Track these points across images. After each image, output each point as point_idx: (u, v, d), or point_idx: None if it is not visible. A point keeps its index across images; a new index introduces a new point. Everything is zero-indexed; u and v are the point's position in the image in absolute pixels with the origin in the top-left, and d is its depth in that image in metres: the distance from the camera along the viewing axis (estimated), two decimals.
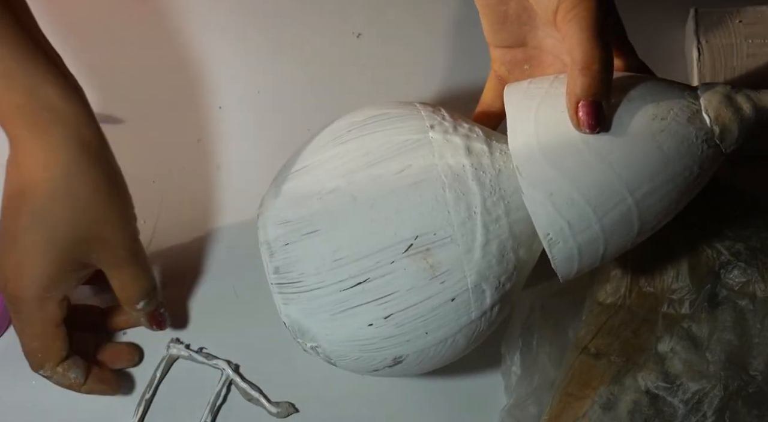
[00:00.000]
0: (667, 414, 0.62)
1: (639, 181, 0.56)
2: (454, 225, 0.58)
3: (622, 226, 0.57)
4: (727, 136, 0.58)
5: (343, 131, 0.61)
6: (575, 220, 0.56)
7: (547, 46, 0.63)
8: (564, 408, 0.64)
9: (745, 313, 0.63)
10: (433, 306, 0.58)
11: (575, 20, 0.56)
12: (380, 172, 0.59)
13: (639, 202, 0.56)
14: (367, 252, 0.58)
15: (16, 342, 0.65)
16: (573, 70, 0.55)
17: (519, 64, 0.65)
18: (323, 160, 0.60)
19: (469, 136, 0.60)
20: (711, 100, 0.58)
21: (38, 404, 0.71)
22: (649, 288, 0.66)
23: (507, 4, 0.62)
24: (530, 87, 0.59)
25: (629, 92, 0.57)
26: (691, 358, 0.63)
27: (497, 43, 0.65)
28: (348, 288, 0.58)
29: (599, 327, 0.66)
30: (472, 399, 0.71)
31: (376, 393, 0.71)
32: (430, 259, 0.58)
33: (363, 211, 0.58)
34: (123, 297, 0.66)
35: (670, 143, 0.56)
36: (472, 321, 0.59)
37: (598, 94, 0.55)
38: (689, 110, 0.58)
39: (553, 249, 0.57)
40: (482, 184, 0.59)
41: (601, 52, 0.55)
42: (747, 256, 0.64)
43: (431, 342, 0.59)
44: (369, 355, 0.60)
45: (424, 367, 0.62)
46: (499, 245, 0.59)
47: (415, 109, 0.62)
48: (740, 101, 0.58)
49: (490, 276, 0.59)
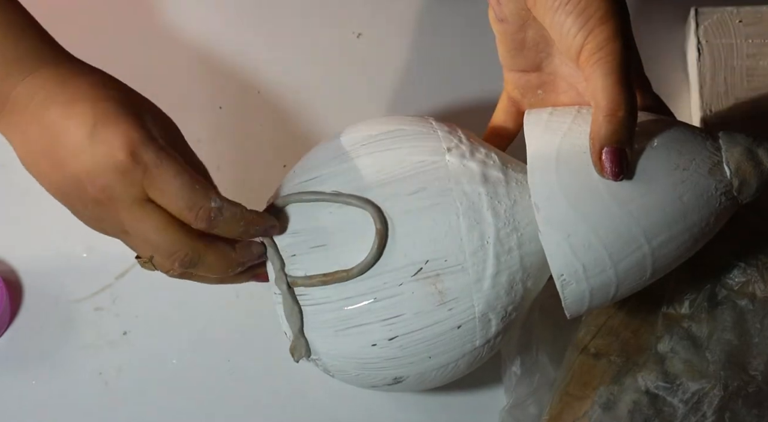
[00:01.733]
0: (667, 413, 0.62)
1: (657, 230, 0.55)
2: (466, 253, 0.57)
3: (636, 272, 0.56)
4: (746, 190, 0.58)
5: (358, 144, 0.60)
6: (590, 264, 0.55)
7: (563, 73, 0.62)
8: (564, 408, 0.64)
9: (745, 313, 0.63)
10: (438, 332, 0.57)
11: (600, 64, 0.55)
12: (393, 192, 0.58)
13: (655, 250, 0.56)
14: (375, 272, 0.57)
15: (16, 342, 0.66)
16: (597, 116, 0.54)
17: (533, 89, 0.64)
18: (336, 172, 0.59)
19: (485, 163, 0.59)
20: (733, 152, 0.57)
21: (38, 404, 0.71)
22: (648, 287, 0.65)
23: (525, 32, 0.60)
24: (551, 119, 0.58)
25: (652, 139, 0.56)
26: (691, 358, 0.63)
27: (512, 67, 0.63)
28: (353, 306, 0.57)
29: (599, 327, 0.66)
30: (472, 399, 0.71)
31: (374, 393, 0.71)
32: (439, 285, 0.57)
33: (369, 230, 0.57)
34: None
35: (691, 194, 0.56)
36: (475, 349, 0.59)
37: (623, 142, 0.54)
38: (710, 161, 0.57)
39: (566, 290, 0.56)
40: (497, 213, 0.58)
41: (626, 98, 0.54)
42: (747, 256, 0.64)
43: (433, 366, 0.59)
44: (369, 373, 0.59)
45: (422, 387, 0.62)
46: (509, 276, 0.58)
47: (431, 127, 0.61)
48: (761, 155, 0.58)
49: (497, 306, 0.58)
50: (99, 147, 0.54)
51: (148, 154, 0.54)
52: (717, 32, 0.78)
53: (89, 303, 0.74)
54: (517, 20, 0.60)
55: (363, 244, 0.57)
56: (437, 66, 0.82)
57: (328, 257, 0.58)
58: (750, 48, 0.77)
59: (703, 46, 0.78)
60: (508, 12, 0.60)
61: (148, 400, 0.71)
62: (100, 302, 0.74)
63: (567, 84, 0.62)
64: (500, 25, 0.61)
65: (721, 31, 0.78)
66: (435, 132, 0.60)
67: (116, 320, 0.73)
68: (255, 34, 0.83)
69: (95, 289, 0.74)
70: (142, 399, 0.71)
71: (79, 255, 0.76)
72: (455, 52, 0.82)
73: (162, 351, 0.72)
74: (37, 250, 0.76)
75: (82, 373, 0.72)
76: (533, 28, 0.60)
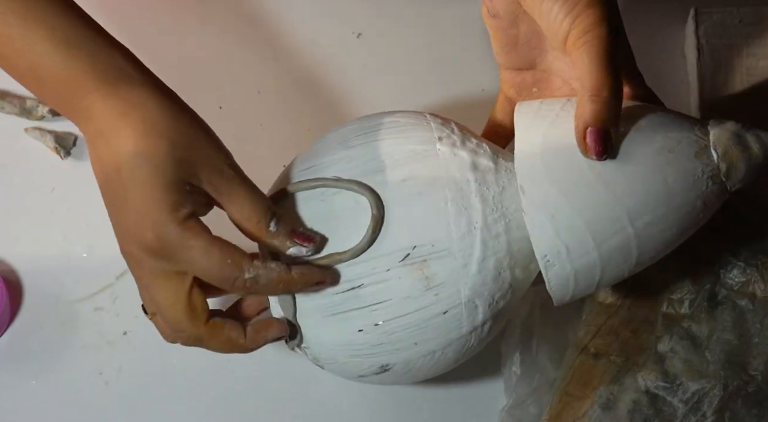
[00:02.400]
0: (667, 413, 0.62)
1: (641, 211, 0.56)
2: (453, 238, 0.57)
3: (620, 255, 0.57)
4: (734, 174, 0.58)
5: (352, 135, 0.61)
6: (574, 245, 0.56)
7: (556, 69, 0.63)
8: (564, 408, 0.64)
9: (745, 313, 0.63)
10: (424, 317, 0.58)
11: (585, 47, 0.56)
12: (384, 179, 0.58)
13: (639, 231, 0.56)
14: (363, 258, 0.57)
15: (16, 342, 0.65)
16: (582, 96, 0.55)
17: (528, 87, 0.65)
18: (330, 161, 0.60)
19: (476, 152, 0.60)
20: (720, 136, 0.58)
21: (38, 404, 0.71)
22: (648, 287, 0.66)
23: (518, 27, 0.62)
24: (541, 107, 0.59)
25: (638, 122, 0.57)
26: (691, 358, 0.63)
27: (507, 65, 0.65)
28: (341, 292, 0.58)
29: (599, 327, 0.66)
30: (472, 398, 0.71)
31: (375, 392, 0.71)
32: (426, 270, 0.57)
33: (363, 215, 0.58)
34: (249, 225, 0.57)
35: (676, 176, 0.56)
36: (462, 336, 0.59)
37: (606, 121, 0.55)
38: (697, 145, 0.57)
39: (549, 272, 0.57)
40: (485, 200, 0.58)
41: (611, 80, 0.55)
42: (747, 256, 0.64)
43: (419, 354, 0.59)
44: (357, 361, 0.60)
45: (411, 378, 0.61)
46: (496, 262, 0.58)
47: (425, 119, 0.62)
48: (750, 140, 0.58)
49: (484, 292, 0.58)
50: (131, 215, 0.55)
51: (173, 237, 0.54)
52: (717, 32, 0.78)
53: (89, 303, 0.74)
54: (508, 15, 0.61)
55: (355, 230, 0.58)
56: (437, 66, 0.82)
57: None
58: (750, 48, 0.77)
59: (703, 46, 0.78)
60: (500, 7, 0.61)
61: (148, 400, 0.72)
62: (100, 302, 0.74)
63: (561, 81, 0.63)
64: (493, 20, 0.62)
65: (721, 31, 0.78)
66: (428, 123, 0.61)
67: (116, 320, 0.73)
68: (255, 33, 0.83)
69: (95, 289, 0.74)
70: (142, 399, 0.71)
71: (79, 255, 0.76)
72: (455, 53, 0.83)
73: (162, 351, 0.72)
74: (37, 250, 0.76)
75: (82, 373, 0.72)
76: (525, 23, 0.61)
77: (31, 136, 0.79)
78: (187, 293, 0.56)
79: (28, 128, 0.80)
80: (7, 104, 0.79)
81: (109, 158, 0.55)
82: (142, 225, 0.54)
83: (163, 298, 0.56)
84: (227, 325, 0.58)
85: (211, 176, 0.56)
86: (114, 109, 0.55)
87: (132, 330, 0.73)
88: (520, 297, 0.61)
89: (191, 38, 0.83)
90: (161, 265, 0.55)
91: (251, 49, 0.83)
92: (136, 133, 0.55)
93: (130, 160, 0.54)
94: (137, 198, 0.54)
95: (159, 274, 0.56)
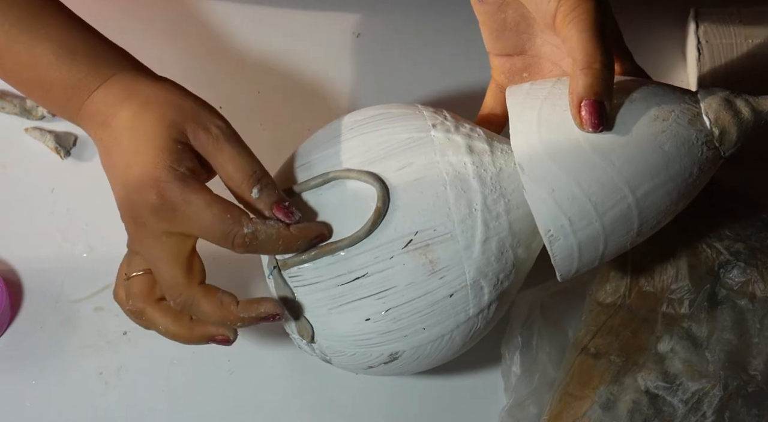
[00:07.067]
0: (667, 413, 0.62)
1: (640, 180, 0.57)
2: (454, 221, 0.58)
3: (623, 224, 0.57)
4: (727, 139, 0.59)
5: (346, 129, 0.62)
6: (576, 217, 0.56)
7: (546, 53, 0.64)
8: (564, 408, 0.64)
9: (745, 313, 0.63)
10: (431, 301, 0.58)
11: (574, 22, 0.57)
12: (381, 169, 0.59)
13: (639, 200, 0.57)
14: (366, 248, 0.58)
15: (16, 342, 0.66)
16: (575, 70, 0.56)
17: (518, 73, 0.66)
18: (325, 156, 0.61)
19: (470, 136, 0.61)
20: (711, 103, 0.59)
21: (38, 404, 0.71)
22: (648, 287, 0.66)
23: (505, 11, 0.63)
24: (532, 87, 0.60)
25: (631, 94, 0.58)
26: (691, 358, 0.63)
27: (496, 52, 0.66)
28: (346, 283, 0.58)
29: (599, 327, 0.66)
30: (472, 399, 0.71)
31: (375, 392, 0.71)
32: (429, 255, 0.58)
33: (363, 206, 0.58)
34: (232, 184, 0.59)
35: (671, 144, 0.57)
36: (469, 318, 0.60)
37: (600, 93, 0.56)
38: (690, 113, 0.58)
39: (554, 246, 0.57)
40: (483, 181, 0.59)
41: (601, 52, 0.56)
42: (746, 256, 0.64)
43: (428, 339, 0.59)
44: (366, 351, 0.60)
45: (419, 365, 0.62)
46: (498, 242, 0.59)
47: (417, 109, 0.63)
48: (739, 105, 0.59)
49: (488, 273, 0.59)
50: (134, 183, 0.56)
51: (175, 193, 0.56)
52: (717, 32, 0.78)
53: (89, 303, 0.74)
54: (495, 1, 0.62)
55: (354, 221, 0.58)
56: (436, 66, 0.82)
57: None
58: (750, 48, 0.77)
59: (703, 46, 0.78)
60: None
61: (148, 400, 0.71)
62: (100, 302, 0.74)
63: (551, 64, 0.64)
64: (481, 6, 0.63)
65: (721, 31, 0.78)
66: (420, 112, 0.62)
67: (116, 320, 0.73)
68: (255, 33, 0.83)
69: (95, 289, 0.74)
70: (142, 399, 0.71)
71: (79, 255, 0.76)
72: (455, 53, 0.83)
73: (162, 351, 0.72)
74: (37, 250, 0.76)
75: (82, 373, 0.72)
76: (512, 7, 0.62)
77: (31, 136, 0.79)
78: (188, 254, 0.58)
79: (28, 128, 0.80)
80: (7, 104, 0.80)
81: (112, 142, 0.58)
82: (145, 187, 0.56)
83: (163, 256, 0.57)
84: (221, 291, 0.59)
85: (197, 131, 0.58)
86: (114, 98, 0.58)
87: (132, 330, 0.73)
88: (523, 277, 0.62)
89: (191, 38, 0.83)
90: (165, 226, 0.56)
91: (251, 48, 0.83)
92: (132, 111, 0.57)
93: (128, 132, 0.57)
94: (138, 164, 0.56)
95: (161, 234, 0.57)
